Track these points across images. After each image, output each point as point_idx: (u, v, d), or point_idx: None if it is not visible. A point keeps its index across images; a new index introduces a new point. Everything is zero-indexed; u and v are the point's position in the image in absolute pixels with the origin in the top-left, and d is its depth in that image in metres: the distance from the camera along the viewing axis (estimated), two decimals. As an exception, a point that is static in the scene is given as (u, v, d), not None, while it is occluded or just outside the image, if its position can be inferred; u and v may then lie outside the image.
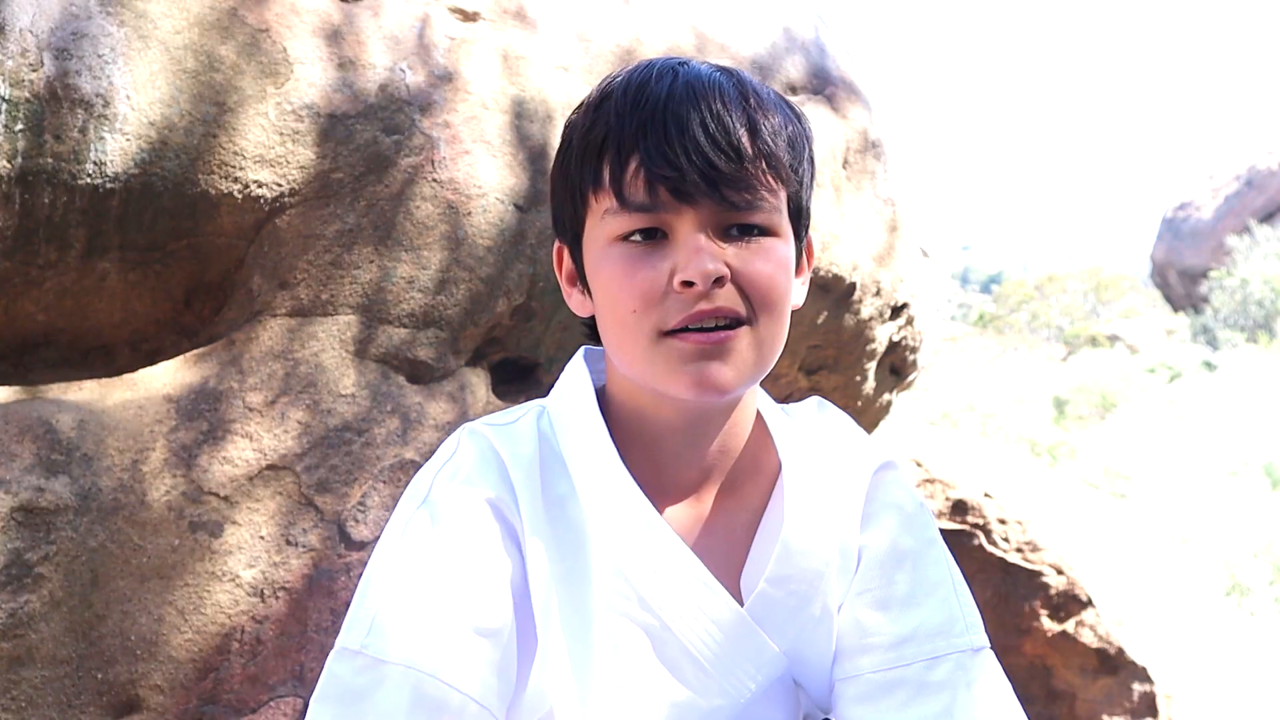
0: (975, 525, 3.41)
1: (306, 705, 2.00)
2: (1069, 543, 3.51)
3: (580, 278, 0.99)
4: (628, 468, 0.98)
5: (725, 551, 1.00)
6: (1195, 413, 10.19)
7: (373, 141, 2.10)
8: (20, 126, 1.79)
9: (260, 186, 2.02)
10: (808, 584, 0.98)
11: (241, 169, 1.99)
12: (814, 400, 1.13)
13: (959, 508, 3.42)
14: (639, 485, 0.98)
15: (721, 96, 0.90)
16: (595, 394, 1.03)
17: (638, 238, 0.90)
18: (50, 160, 1.83)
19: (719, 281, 0.89)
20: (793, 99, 2.74)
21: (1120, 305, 22.63)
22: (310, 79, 2.05)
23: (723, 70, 0.94)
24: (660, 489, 0.99)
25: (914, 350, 3.29)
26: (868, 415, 3.32)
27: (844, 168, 2.82)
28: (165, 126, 1.91)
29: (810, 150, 0.98)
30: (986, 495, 3.46)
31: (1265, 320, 15.95)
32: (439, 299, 2.19)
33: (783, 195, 0.93)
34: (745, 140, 0.89)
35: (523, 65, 2.31)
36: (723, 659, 0.96)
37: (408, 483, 1.03)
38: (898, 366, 3.30)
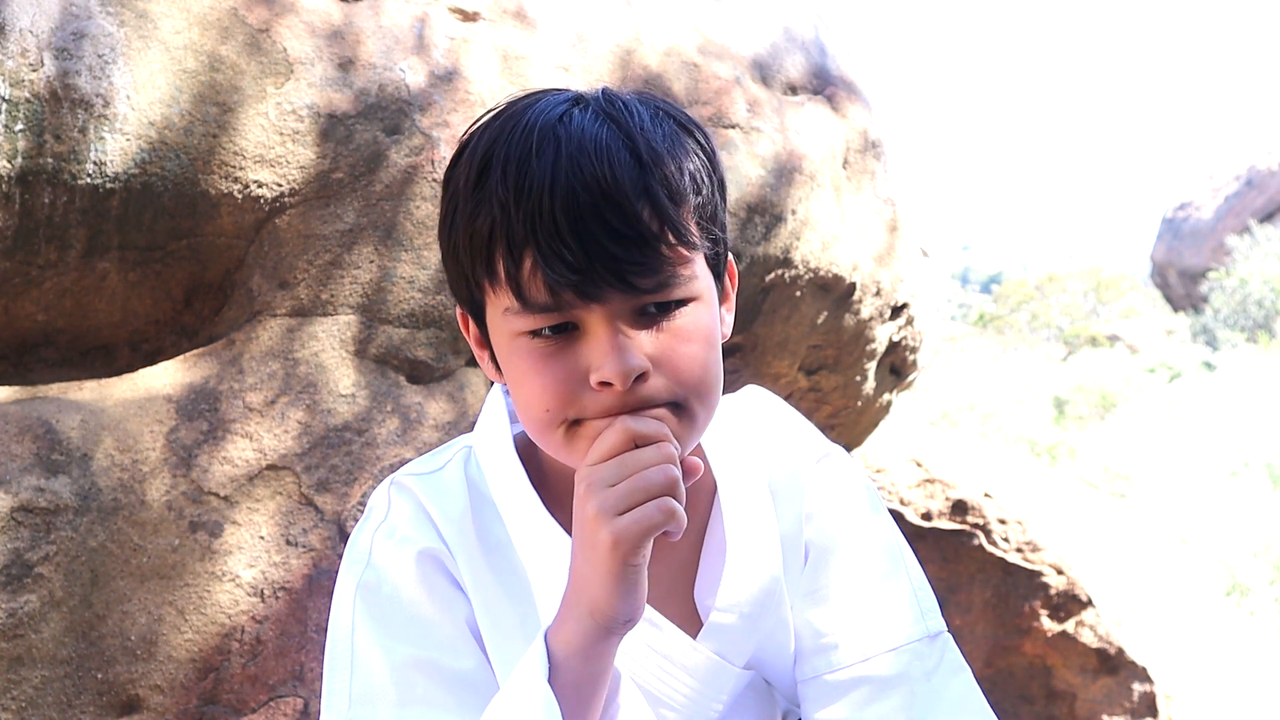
0: (975, 525, 3.41)
1: (307, 705, 2.01)
2: (1069, 543, 3.51)
3: (486, 344, 0.92)
4: (560, 506, 0.94)
5: (674, 574, 0.98)
6: (1195, 413, 10.19)
7: (372, 141, 2.10)
8: (20, 126, 1.79)
9: (260, 186, 2.02)
10: (759, 605, 0.96)
11: (241, 169, 1.99)
12: (749, 390, 1.08)
13: (959, 508, 3.42)
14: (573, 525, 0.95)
15: (612, 163, 0.80)
16: (520, 433, 1.00)
17: (547, 332, 0.83)
18: (50, 160, 1.83)
19: (641, 377, 0.82)
20: (793, 99, 2.74)
21: (1120, 305, 22.63)
22: (310, 79, 2.05)
23: (608, 116, 0.84)
24: None
25: (914, 350, 3.29)
26: (867, 415, 3.32)
27: (844, 168, 2.82)
28: (165, 126, 1.91)
29: (719, 173, 0.89)
30: (986, 495, 3.46)
31: (1265, 320, 15.95)
32: (439, 299, 2.19)
33: (698, 257, 0.86)
34: (648, 217, 0.81)
35: (523, 65, 2.31)
36: (681, 692, 0.94)
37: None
38: (898, 366, 3.30)
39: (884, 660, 0.93)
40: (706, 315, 0.87)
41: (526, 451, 0.98)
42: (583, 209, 0.79)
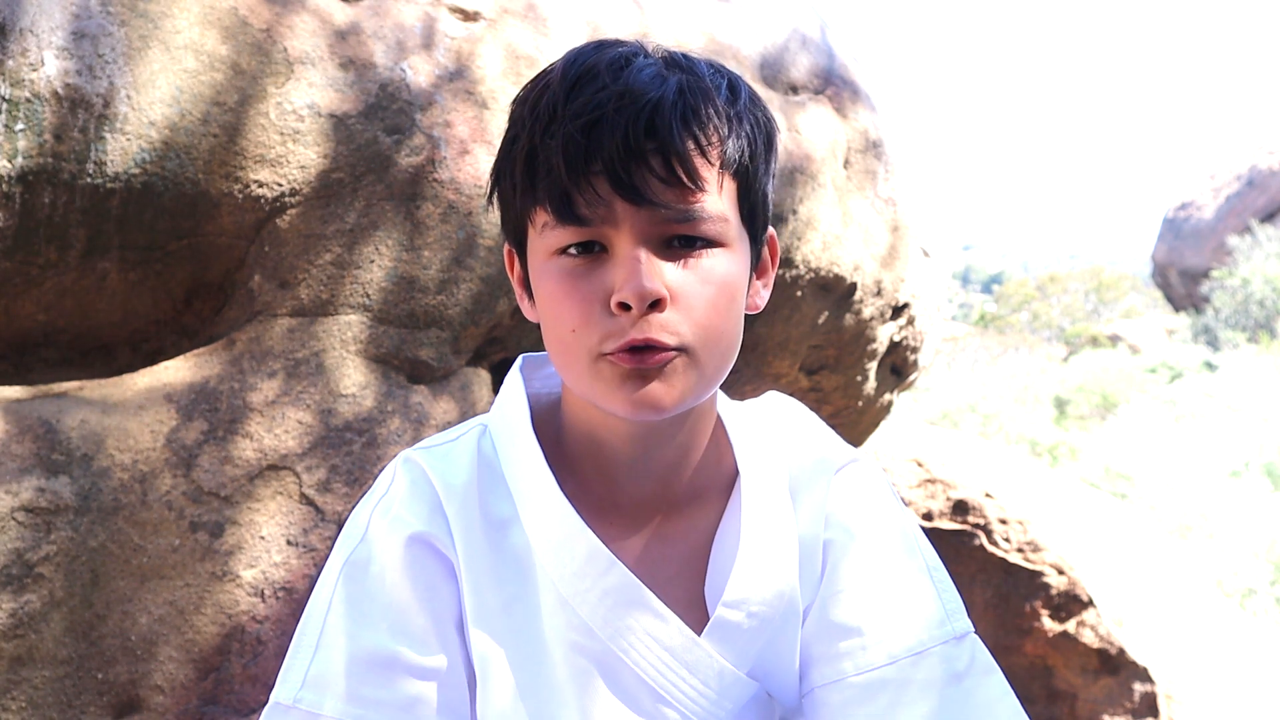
0: (976, 525, 3.40)
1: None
2: (1070, 543, 3.50)
3: (528, 285, 0.94)
4: (579, 482, 0.95)
5: (685, 563, 0.97)
6: (1196, 413, 10.19)
7: (373, 141, 2.10)
8: (20, 126, 1.79)
9: (261, 186, 2.02)
10: (768, 605, 0.94)
11: (242, 169, 1.99)
12: (771, 395, 1.08)
13: (960, 508, 3.42)
14: (591, 501, 0.94)
15: (659, 88, 0.83)
16: (545, 405, 1.00)
17: (574, 251, 0.86)
18: (50, 160, 1.83)
19: (657, 304, 0.84)
20: (794, 99, 2.74)
21: (1121, 305, 22.65)
22: (311, 79, 2.05)
23: (666, 60, 0.87)
24: (614, 503, 0.96)
25: (915, 350, 3.29)
26: (868, 415, 3.32)
27: (845, 168, 2.82)
28: (166, 126, 1.91)
29: (764, 139, 0.91)
30: (987, 495, 3.45)
31: (1266, 320, 15.94)
32: (440, 299, 2.19)
33: (729, 198, 0.87)
34: (680, 140, 0.83)
35: (525, 65, 2.30)
36: (685, 692, 0.92)
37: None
38: (899, 366, 3.30)
39: (913, 663, 0.91)
40: (733, 267, 0.88)
41: (543, 428, 0.98)
42: (619, 119, 0.82)
